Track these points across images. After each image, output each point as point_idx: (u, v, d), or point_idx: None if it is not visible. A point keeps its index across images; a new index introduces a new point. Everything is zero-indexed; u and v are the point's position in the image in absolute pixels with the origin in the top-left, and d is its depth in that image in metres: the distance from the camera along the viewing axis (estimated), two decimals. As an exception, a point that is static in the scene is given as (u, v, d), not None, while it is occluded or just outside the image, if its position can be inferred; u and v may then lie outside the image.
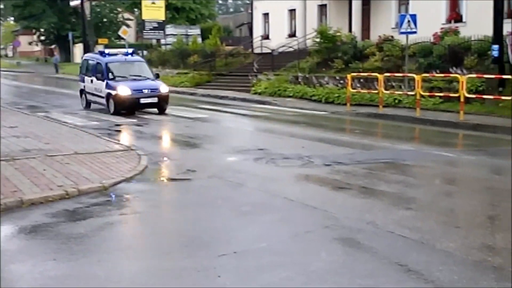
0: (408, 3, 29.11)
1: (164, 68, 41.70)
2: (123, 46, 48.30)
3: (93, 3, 67.47)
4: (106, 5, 71.30)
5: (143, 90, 21.75)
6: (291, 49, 34.06)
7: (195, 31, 51.82)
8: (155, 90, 22.02)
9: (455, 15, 27.13)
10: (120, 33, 49.51)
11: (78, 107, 24.54)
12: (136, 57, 24.88)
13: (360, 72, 24.76)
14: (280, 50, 34.27)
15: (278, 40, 37.18)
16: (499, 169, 12.40)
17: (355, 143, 15.27)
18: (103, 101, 22.35)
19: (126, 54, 24.01)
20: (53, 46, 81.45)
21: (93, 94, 23.41)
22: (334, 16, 34.20)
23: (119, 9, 72.24)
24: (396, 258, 6.62)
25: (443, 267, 6.34)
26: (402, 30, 22.24)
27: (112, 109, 21.73)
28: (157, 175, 11.55)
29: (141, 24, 50.94)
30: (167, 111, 22.49)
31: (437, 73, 21.92)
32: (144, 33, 47.77)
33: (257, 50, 38.88)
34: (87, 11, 61.90)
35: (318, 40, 29.88)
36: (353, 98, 22.98)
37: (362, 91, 23.53)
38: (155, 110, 22.37)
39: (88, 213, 8.66)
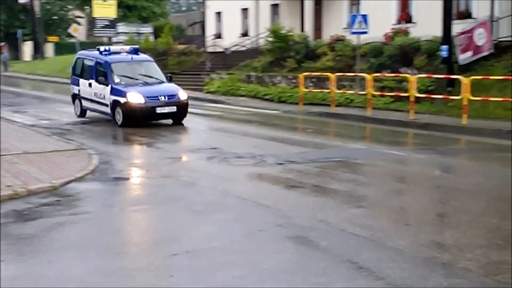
0: (359, 4, 29.40)
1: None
2: (73, 44, 47.72)
3: (43, 0, 66.43)
4: (56, 2, 70.19)
5: (159, 97, 17.96)
6: (244, 48, 34.07)
7: (147, 29, 51.37)
8: (173, 97, 18.20)
9: (406, 16, 27.51)
10: (70, 31, 48.89)
11: (29, 106, 24.09)
12: (143, 56, 20.80)
13: (312, 71, 24.91)
14: (233, 49, 34.23)
15: (231, 39, 37.15)
16: (448, 167, 12.64)
17: (307, 142, 15.37)
18: (107, 109, 18.52)
19: (131, 51, 19.96)
20: (1, 44, 79.80)
21: (92, 101, 19.39)
22: (286, 16, 34.33)
23: (70, 7, 71.20)
24: (348, 256, 6.69)
25: (394, 264, 6.43)
26: (354, 30, 22.46)
27: (120, 120, 17.94)
28: (108, 175, 11.42)
29: (92, 22, 50.33)
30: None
31: (388, 73, 22.20)
32: (95, 31, 47.19)
33: (210, 49, 38.75)
34: (37, 9, 60.94)
35: (270, 39, 29.95)
36: (306, 97, 23.11)
37: (314, 90, 23.69)
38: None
39: (38, 213, 8.53)
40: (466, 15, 24.31)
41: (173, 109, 17.98)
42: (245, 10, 38.57)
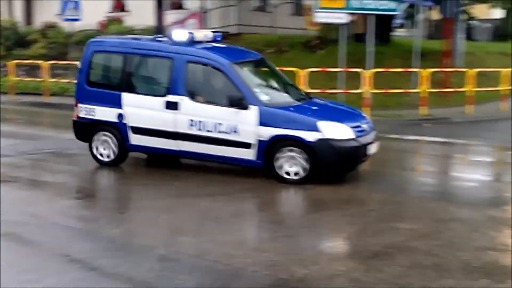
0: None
1: None
2: None
3: None
4: None
5: (362, 126, 10.26)
6: None
7: None
8: (369, 123, 10.68)
9: (120, 5, 27.65)
10: None
11: None
12: (249, 50, 12.45)
13: (23, 59, 23.81)
14: None
15: None
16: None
17: (19, 133, 14.67)
18: (247, 154, 9.80)
19: (216, 39, 11.19)
20: None
21: (181, 137, 10.17)
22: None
23: None
24: (60, 249, 6.58)
25: (108, 253, 6.47)
26: (66, 17, 22.00)
27: (299, 174, 9.61)
28: None
29: None
30: None
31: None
32: None
33: None
34: None
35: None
36: (17, 87, 22.03)
37: (27, 79, 22.68)
38: None
39: None
40: (178, 6, 25.17)
41: (376, 145, 10.43)
42: None
